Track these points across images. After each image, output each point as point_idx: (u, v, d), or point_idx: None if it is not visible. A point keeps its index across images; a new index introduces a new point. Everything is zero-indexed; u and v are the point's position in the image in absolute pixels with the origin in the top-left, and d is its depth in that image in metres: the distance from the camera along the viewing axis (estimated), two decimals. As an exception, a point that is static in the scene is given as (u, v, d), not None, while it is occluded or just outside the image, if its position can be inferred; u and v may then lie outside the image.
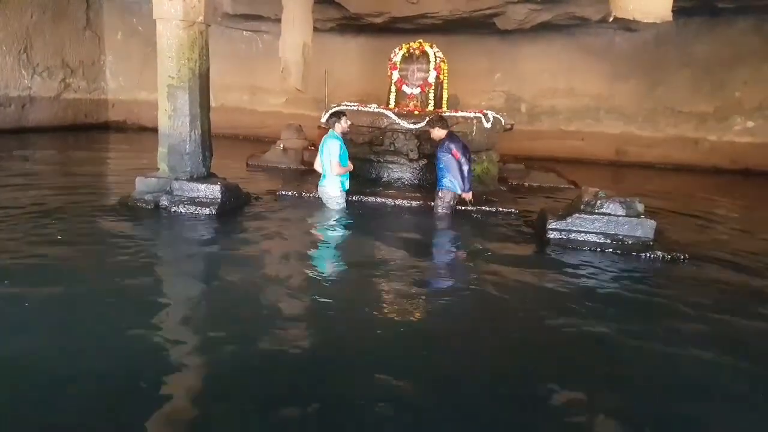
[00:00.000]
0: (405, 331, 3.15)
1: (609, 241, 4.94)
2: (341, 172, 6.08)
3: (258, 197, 6.46)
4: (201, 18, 5.54)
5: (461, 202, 6.14)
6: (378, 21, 11.76)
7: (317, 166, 6.32)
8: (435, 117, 6.31)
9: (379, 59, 10.17)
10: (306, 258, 4.58)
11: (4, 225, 4.74)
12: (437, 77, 7.82)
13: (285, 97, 13.57)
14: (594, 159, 12.19)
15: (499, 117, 7.30)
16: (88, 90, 14.01)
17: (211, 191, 5.63)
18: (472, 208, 6.21)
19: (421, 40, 8.07)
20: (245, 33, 13.85)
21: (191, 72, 5.61)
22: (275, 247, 4.74)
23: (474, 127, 6.93)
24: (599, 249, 4.90)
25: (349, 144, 6.57)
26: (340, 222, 5.68)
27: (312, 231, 5.49)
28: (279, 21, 8.61)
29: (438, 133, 6.05)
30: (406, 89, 7.85)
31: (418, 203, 6.42)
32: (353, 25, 12.42)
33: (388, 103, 7.96)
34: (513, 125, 7.95)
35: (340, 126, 6.15)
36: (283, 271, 4.10)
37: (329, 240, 5.27)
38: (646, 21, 5.69)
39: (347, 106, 7.33)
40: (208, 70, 5.86)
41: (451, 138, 6.02)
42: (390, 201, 6.48)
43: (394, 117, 6.86)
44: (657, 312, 3.66)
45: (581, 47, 12.01)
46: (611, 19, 6.00)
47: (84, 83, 13.84)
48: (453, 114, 7.06)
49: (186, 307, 3.43)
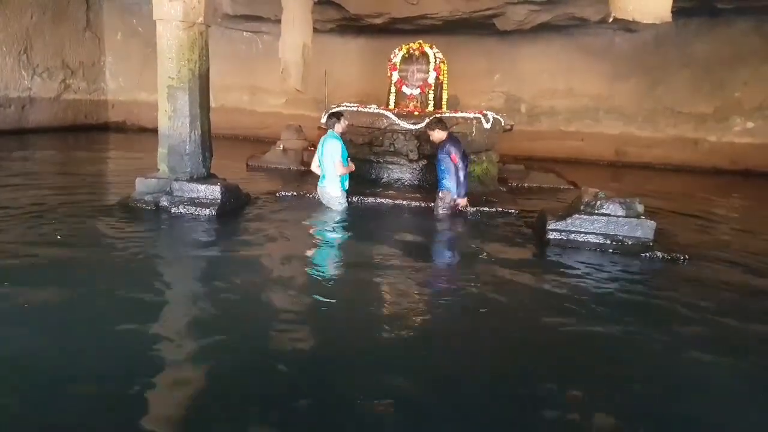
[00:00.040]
0: (405, 331, 3.15)
1: (609, 242, 4.94)
2: (345, 172, 6.09)
3: (258, 198, 6.46)
4: (201, 19, 5.55)
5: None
6: (378, 22, 11.77)
7: (314, 167, 6.32)
8: (434, 119, 6.29)
9: (379, 60, 10.19)
10: (306, 258, 4.58)
11: (3, 225, 4.74)
12: (437, 78, 7.82)
13: (285, 98, 13.57)
14: (594, 159, 12.20)
15: (499, 117, 7.30)
16: (88, 91, 14.02)
17: (211, 192, 5.63)
18: (471, 208, 6.22)
19: (421, 40, 8.07)
20: (245, 34, 13.86)
21: (191, 73, 5.62)
22: (275, 248, 4.75)
23: (474, 128, 6.94)
24: (599, 249, 4.91)
25: (349, 145, 6.58)
26: (339, 223, 5.68)
27: (312, 231, 5.49)
28: (279, 22, 8.61)
29: (438, 135, 6.03)
30: (405, 90, 7.86)
31: (418, 204, 6.43)
32: (353, 26, 12.43)
33: (387, 104, 7.96)
34: (513, 126, 7.95)
35: (339, 126, 6.15)
36: (283, 272, 4.11)
37: (329, 240, 5.27)
38: (645, 21, 5.69)
39: (347, 106, 7.33)
40: (208, 70, 5.87)
41: (452, 141, 5.99)
42: (390, 201, 6.48)
43: (393, 118, 6.86)
44: (657, 312, 3.66)
45: (581, 48, 12.02)
46: (611, 20, 6.01)
47: (84, 84, 13.85)
48: (453, 115, 7.06)
49: (186, 308, 3.44)
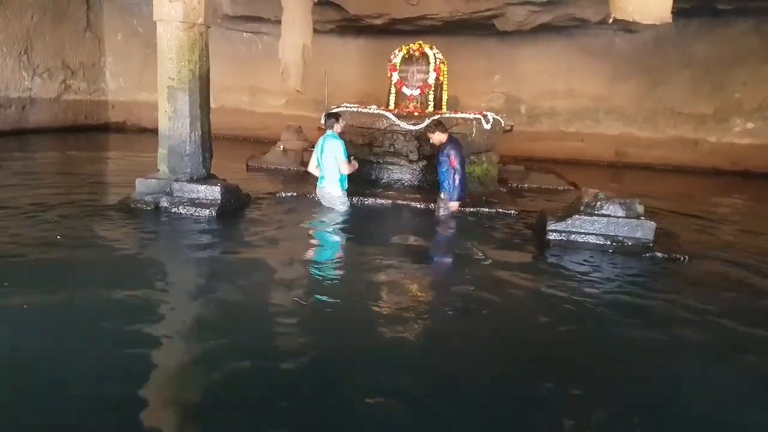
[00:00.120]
0: (405, 331, 3.15)
1: (609, 243, 4.94)
2: (351, 170, 6.10)
3: (258, 198, 6.46)
4: (201, 19, 5.56)
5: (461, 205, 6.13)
6: (378, 22, 11.78)
7: (312, 168, 6.31)
8: (433, 122, 6.27)
9: (379, 61, 10.19)
10: (306, 259, 4.57)
11: (3, 225, 4.74)
12: (437, 78, 7.82)
13: (285, 99, 13.57)
14: (594, 160, 12.20)
15: (499, 118, 7.30)
16: (88, 91, 14.02)
17: (211, 192, 5.63)
18: (471, 208, 6.22)
19: (421, 41, 8.07)
20: (245, 34, 13.87)
21: (191, 73, 5.62)
22: (275, 248, 4.75)
23: (474, 129, 6.94)
24: (599, 250, 4.91)
25: (349, 145, 6.58)
26: (339, 223, 5.68)
27: (312, 232, 5.49)
28: (279, 22, 8.62)
29: (439, 138, 5.99)
30: (405, 90, 7.86)
31: (418, 204, 6.43)
32: (353, 27, 12.43)
33: (387, 105, 7.96)
34: (513, 126, 7.95)
35: (338, 126, 6.17)
36: (284, 272, 4.11)
37: (329, 241, 5.27)
38: (645, 22, 5.70)
39: (347, 107, 7.34)
40: (208, 71, 5.87)
41: (452, 143, 5.96)
42: (390, 202, 6.48)
43: (393, 118, 6.86)
44: (657, 313, 3.66)
45: (581, 48, 12.02)
46: (611, 21, 6.01)
47: (84, 84, 13.85)
48: (453, 115, 7.05)
49: (186, 308, 3.44)
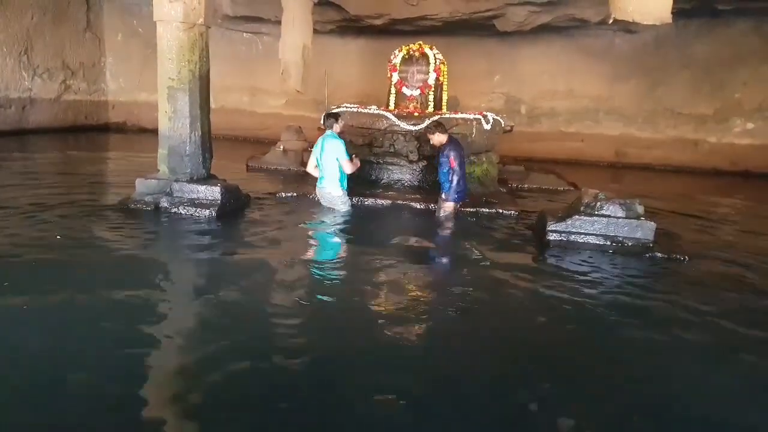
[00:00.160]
0: (405, 331, 3.15)
1: (609, 243, 4.94)
2: (353, 169, 6.10)
3: (258, 198, 6.46)
4: (201, 20, 5.56)
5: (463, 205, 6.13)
6: (378, 23, 11.78)
7: (311, 168, 6.31)
8: (433, 123, 6.26)
9: (379, 61, 10.19)
10: (306, 259, 4.57)
11: (3, 225, 4.74)
12: (437, 79, 7.82)
13: (285, 99, 13.58)
14: (594, 160, 12.20)
15: (499, 119, 7.30)
16: (88, 91, 14.02)
17: (211, 193, 5.63)
18: (472, 209, 6.22)
19: (421, 41, 8.07)
20: (245, 35, 13.87)
21: (191, 74, 5.62)
22: (275, 249, 4.74)
23: (474, 129, 6.94)
24: (599, 251, 4.91)
25: (349, 145, 6.57)
26: (339, 223, 5.68)
27: (312, 232, 5.49)
28: (279, 23, 8.62)
29: (439, 138, 5.99)
30: (405, 91, 7.86)
31: (418, 205, 6.43)
32: (353, 27, 12.43)
33: (387, 105, 7.96)
34: (513, 127, 7.95)
35: (338, 126, 6.19)
36: (283, 272, 4.11)
37: (329, 241, 5.27)
38: (645, 23, 5.70)
39: (347, 107, 7.34)
40: (208, 71, 5.87)
41: (452, 144, 5.96)
42: (390, 202, 6.48)
43: (393, 119, 6.86)
44: (656, 313, 3.66)
45: (581, 49, 12.02)
46: (611, 21, 6.01)
47: (84, 85, 13.86)
48: (453, 116, 7.05)
49: (186, 308, 3.44)
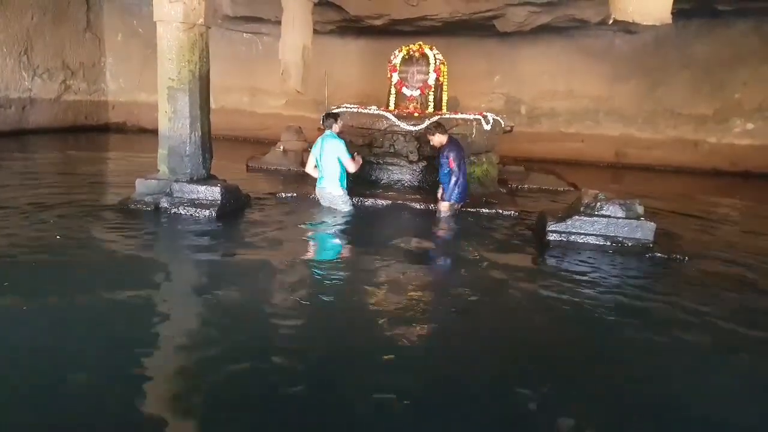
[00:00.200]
0: (405, 332, 3.15)
1: (609, 243, 4.94)
2: (356, 167, 6.14)
3: (258, 199, 6.46)
4: (201, 20, 5.56)
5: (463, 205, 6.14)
6: (378, 23, 11.78)
7: (310, 169, 6.32)
8: (432, 124, 6.27)
9: (379, 61, 10.19)
10: (306, 259, 4.58)
11: (2, 225, 4.74)
12: (437, 79, 7.82)
13: (285, 99, 13.57)
14: (594, 161, 12.20)
15: (499, 119, 7.30)
16: (88, 92, 14.02)
17: (211, 193, 5.63)
18: (472, 210, 6.22)
19: (421, 42, 8.06)
20: (245, 35, 13.87)
21: (191, 74, 5.62)
22: (275, 249, 4.74)
23: (474, 129, 6.93)
24: (599, 251, 4.90)
25: (349, 146, 6.57)
26: (339, 224, 5.68)
27: (311, 233, 5.49)
28: (279, 23, 8.62)
29: (439, 139, 6.00)
30: (405, 91, 7.86)
31: (418, 205, 6.43)
32: (353, 27, 12.44)
33: (387, 105, 7.96)
34: (513, 127, 7.96)
35: (337, 126, 6.21)
36: (283, 273, 4.11)
37: (329, 242, 5.27)
38: (645, 23, 5.70)
39: (347, 108, 7.34)
40: (208, 72, 5.87)
41: (451, 145, 5.97)
42: (390, 203, 6.48)
43: (393, 119, 6.86)
44: (656, 313, 3.66)
45: (581, 49, 12.03)
46: (611, 22, 6.00)
47: (84, 85, 13.85)
48: (453, 116, 7.06)
49: (186, 309, 3.44)
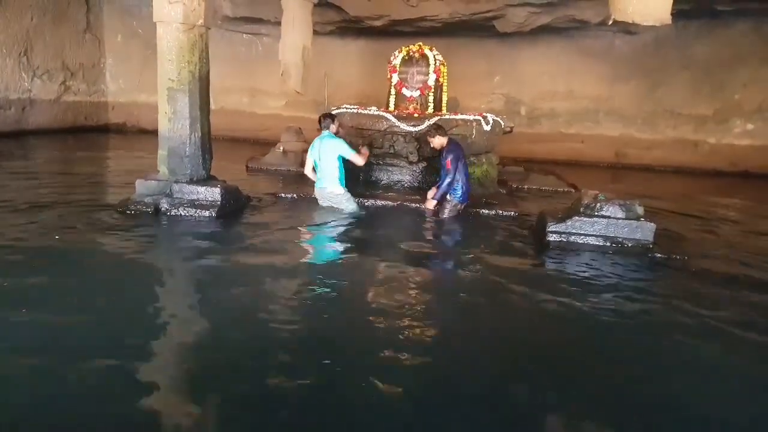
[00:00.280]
0: (405, 332, 3.15)
1: (609, 244, 4.94)
2: (365, 159, 6.22)
3: (258, 199, 6.47)
4: (201, 21, 5.56)
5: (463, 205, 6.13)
6: (377, 24, 11.78)
7: (309, 171, 6.34)
8: (432, 126, 6.28)
9: (379, 62, 10.20)
10: (305, 260, 4.58)
11: (2, 225, 4.73)
12: (437, 80, 7.83)
13: (285, 100, 13.57)
14: (594, 161, 12.20)
15: (499, 120, 7.30)
16: (88, 92, 14.02)
17: (211, 194, 5.63)
18: (471, 210, 6.22)
19: (421, 42, 8.07)
20: (245, 36, 13.87)
21: (191, 75, 5.62)
22: (275, 250, 4.73)
23: (474, 130, 6.94)
24: (599, 251, 4.90)
25: (351, 145, 6.58)
26: (338, 224, 5.67)
27: (311, 233, 5.49)
28: (279, 24, 8.63)
29: (439, 141, 6.02)
30: (405, 92, 7.87)
31: (417, 206, 6.42)
32: (353, 28, 12.44)
33: (387, 106, 7.97)
34: (513, 128, 7.96)
35: (334, 126, 6.25)
36: (282, 273, 4.10)
37: (328, 242, 5.27)
38: (645, 24, 5.70)
39: (347, 108, 7.34)
40: (208, 72, 5.87)
41: (450, 147, 5.98)
42: (390, 203, 6.48)
43: (393, 120, 6.86)
44: (656, 314, 3.66)
45: (581, 50, 12.03)
46: (611, 22, 6.01)
47: (84, 86, 13.85)
48: (453, 117, 7.06)
49: (185, 310, 3.44)
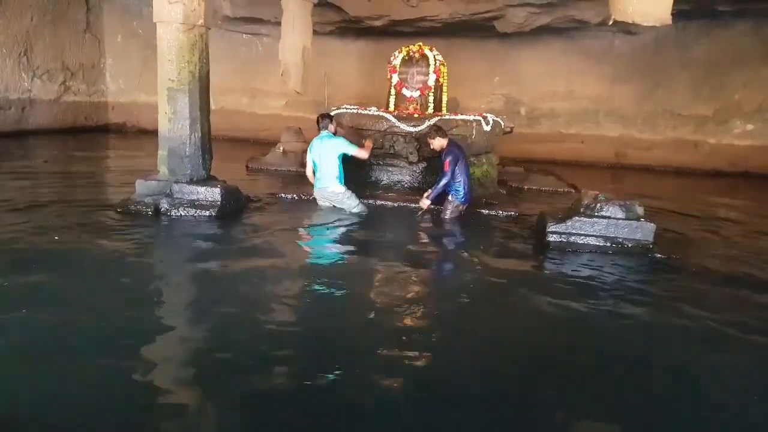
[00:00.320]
0: (405, 332, 3.15)
1: (609, 244, 4.94)
2: (368, 152, 6.23)
3: (258, 200, 6.47)
4: (201, 21, 5.55)
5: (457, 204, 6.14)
6: (377, 24, 11.79)
7: (310, 173, 6.35)
8: (432, 127, 6.29)
9: (379, 62, 10.20)
10: (305, 260, 4.58)
11: (1, 225, 4.74)
12: (437, 80, 7.83)
13: (285, 100, 13.57)
14: (593, 162, 12.21)
15: (499, 120, 7.31)
16: (88, 93, 14.01)
17: (211, 194, 5.63)
18: (471, 211, 6.22)
19: (421, 43, 8.08)
20: (245, 36, 13.87)
21: (191, 75, 5.62)
22: (275, 250, 4.73)
23: (474, 130, 6.94)
24: (599, 252, 4.90)
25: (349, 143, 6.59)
26: (338, 225, 5.67)
27: (311, 234, 5.49)
28: (279, 24, 8.63)
29: (439, 143, 6.04)
30: (405, 92, 7.87)
31: (417, 206, 6.42)
32: (353, 28, 12.44)
33: (387, 106, 7.97)
34: (512, 128, 7.96)
35: (333, 126, 6.27)
36: (282, 274, 4.10)
37: (328, 243, 5.26)
38: (645, 24, 5.70)
39: (347, 108, 7.34)
40: (208, 73, 5.87)
41: (449, 148, 5.99)
42: (390, 204, 6.48)
43: (393, 120, 6.86)
44: (657, 314, 3.66)
45: (580, 50, 12.03)
46: (611, 23, 6.01)
47: (84, 86, 13.85)
48: (453, 117, 7.06)
49: (185, 310, 3.44)
